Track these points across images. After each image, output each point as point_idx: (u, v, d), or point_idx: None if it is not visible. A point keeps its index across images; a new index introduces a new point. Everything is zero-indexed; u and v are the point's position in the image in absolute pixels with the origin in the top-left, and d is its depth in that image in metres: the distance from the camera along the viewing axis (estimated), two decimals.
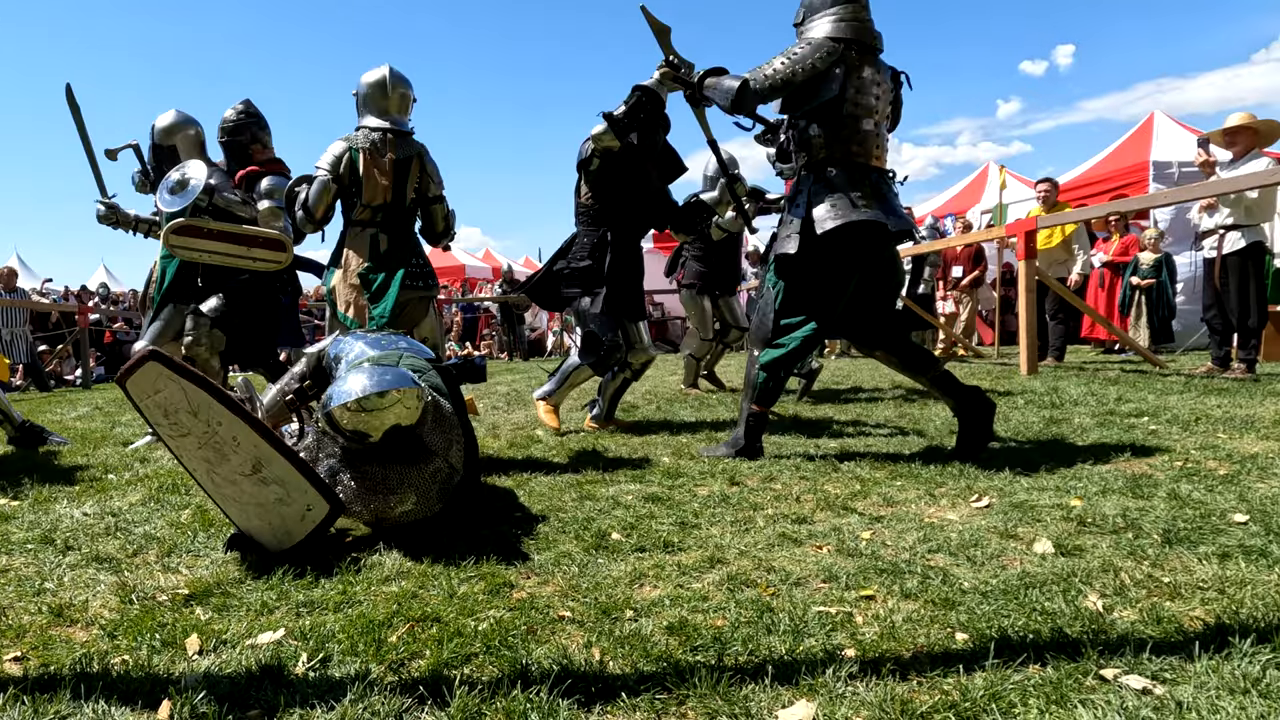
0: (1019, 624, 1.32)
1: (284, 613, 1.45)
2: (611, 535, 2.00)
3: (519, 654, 1.24)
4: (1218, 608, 1.35)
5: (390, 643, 1.29)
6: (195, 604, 1.54)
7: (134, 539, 1.98)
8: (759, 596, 1.51)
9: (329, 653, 1.26)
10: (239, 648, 1.29)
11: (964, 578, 1.57)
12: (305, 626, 1.36)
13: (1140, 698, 1.06)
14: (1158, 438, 3.01)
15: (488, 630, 1.33)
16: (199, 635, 1.33)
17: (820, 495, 2.37)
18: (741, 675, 1.16)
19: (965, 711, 1.04)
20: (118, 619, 1.44)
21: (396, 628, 1.34)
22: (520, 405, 5.26)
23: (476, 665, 1.22)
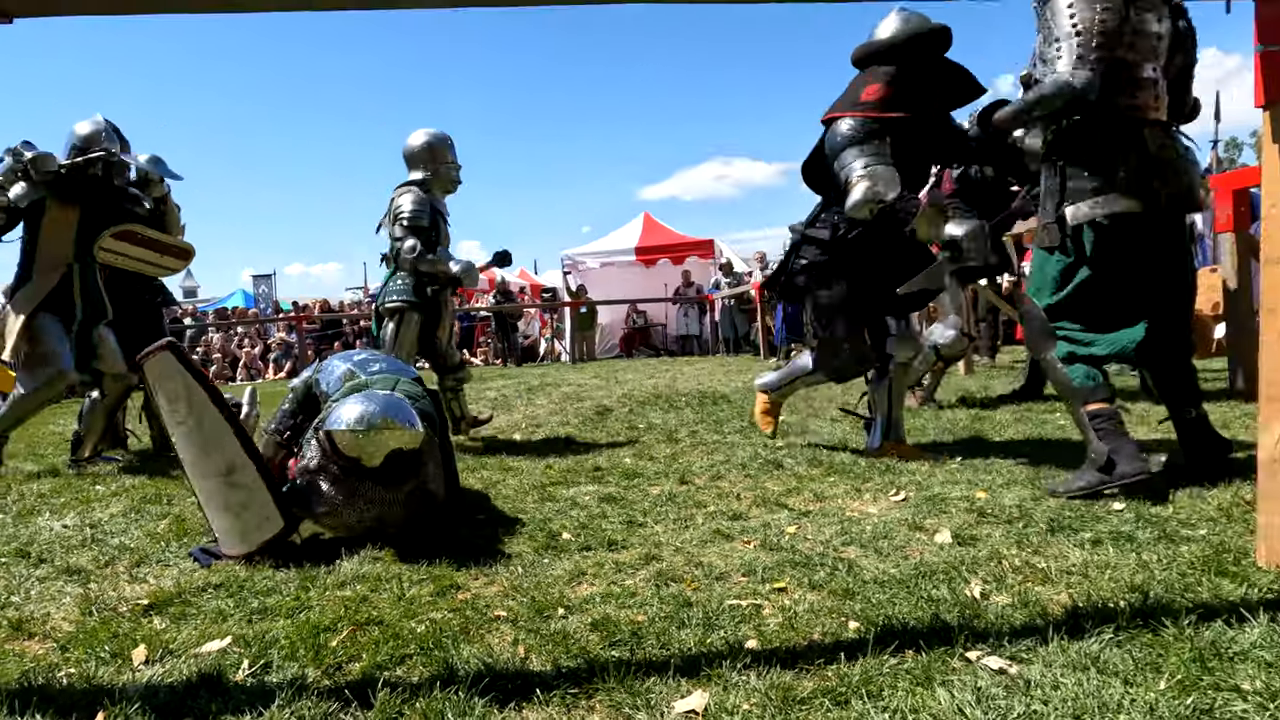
0: (905, 612, 1.35)
1: (237, 620, 1.45)
2: (562, 535, 2.02)
3: (450, 654, 1.25)
4: (1078, 591, 1.39)
5: (330, 647, 1.29)
6: (154, 614, 1.53)
7: (108, 550, 1.97)
8: (681, 591, 1.53)
9: (270, 659, 1.27)
10: (184, 657, 1.29)
11: (868, 569, 1.61)
12: (252, 633, 1.36)
13: (994, 677, 1.09)
14: (1064, 431, 3.07)
15: (424, 632, 1.34)
16: (147, 646, 1.33)
17: (759, 492, 2.40)
18: (649, 668, 1.18)
19: (840, 696, 1.07)
20: (73, 631, 1.44)
21: (339, 632, 1.35)
22: (505, 410, 5.26)
23: (409, 666, 1.23)
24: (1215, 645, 1.13)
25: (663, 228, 13.11)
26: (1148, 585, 1.38)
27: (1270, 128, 1.41)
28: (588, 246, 13.23)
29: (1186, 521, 1.80)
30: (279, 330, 12.74)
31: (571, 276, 12.67)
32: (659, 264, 12.59)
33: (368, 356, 2.46)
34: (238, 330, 13.20)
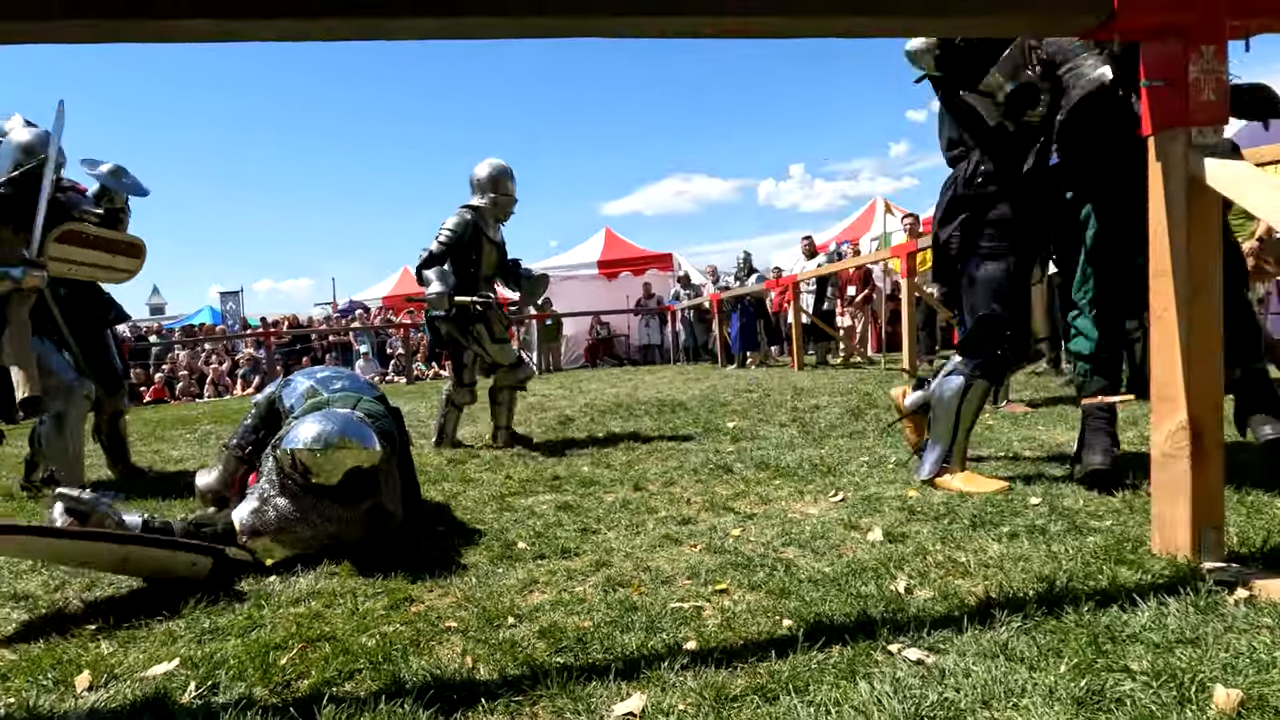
0: (835, 608, 1.37)
1: (186, 641, 1.39)
2: (518, 545, 2.00)
3: (398, 667, 1.22)
4: (993, 583, 1.44)
5: (279, 665, 1.25)
6: (101, 637, 1.45)
7: (58, 574, 1.86)
8: (628, 596, 1.53)
9: (217, 680, 1.21)
10: (129, 681, 1.23)
11: (804, 568, 1.63)
12: (201, 654, 1.30)
13: (912, 668, 1.12)
14: (992, 432, 3.18)
15: (374, 646, 1.30)
16: (91, 671, 1.26)
17: (709, 497, 2.42)
18: (592, 673, 1.17)
19: (770, 693, 1.08)
20: (16, 659, 1.35)
21: (290, 649, 1.31)
22: (470, 421, 5.18)
23: (358, 681, 1.20)
24: (1110, 629, 1.18)
25: (623, 242, 13.17)
26: (1054, 575, 1.43)
27: (1155, 153, 1.48)
28: (551, 261, 13.19)
29: (1094, 513, 1.89)
30: (247, 346, 12.28)
31: None
32: (620, 277, 12.65)
33: (331, 374, 2.39)
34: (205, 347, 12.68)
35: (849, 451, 2.98)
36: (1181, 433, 1.43)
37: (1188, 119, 1.40)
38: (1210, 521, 1.44)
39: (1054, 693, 1.01)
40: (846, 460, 2.80)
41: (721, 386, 6.40)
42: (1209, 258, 1.44)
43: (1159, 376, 1.52)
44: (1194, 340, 1.43)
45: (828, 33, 1.44)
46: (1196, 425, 1.42)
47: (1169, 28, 1.40)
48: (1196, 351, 1.43)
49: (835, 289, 8.96)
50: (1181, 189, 1.42)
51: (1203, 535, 1.43)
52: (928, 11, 1.44)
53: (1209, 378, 1.44)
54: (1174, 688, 0.99)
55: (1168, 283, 1.46)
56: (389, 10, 1.23)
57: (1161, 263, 1.50)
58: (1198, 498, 1.43)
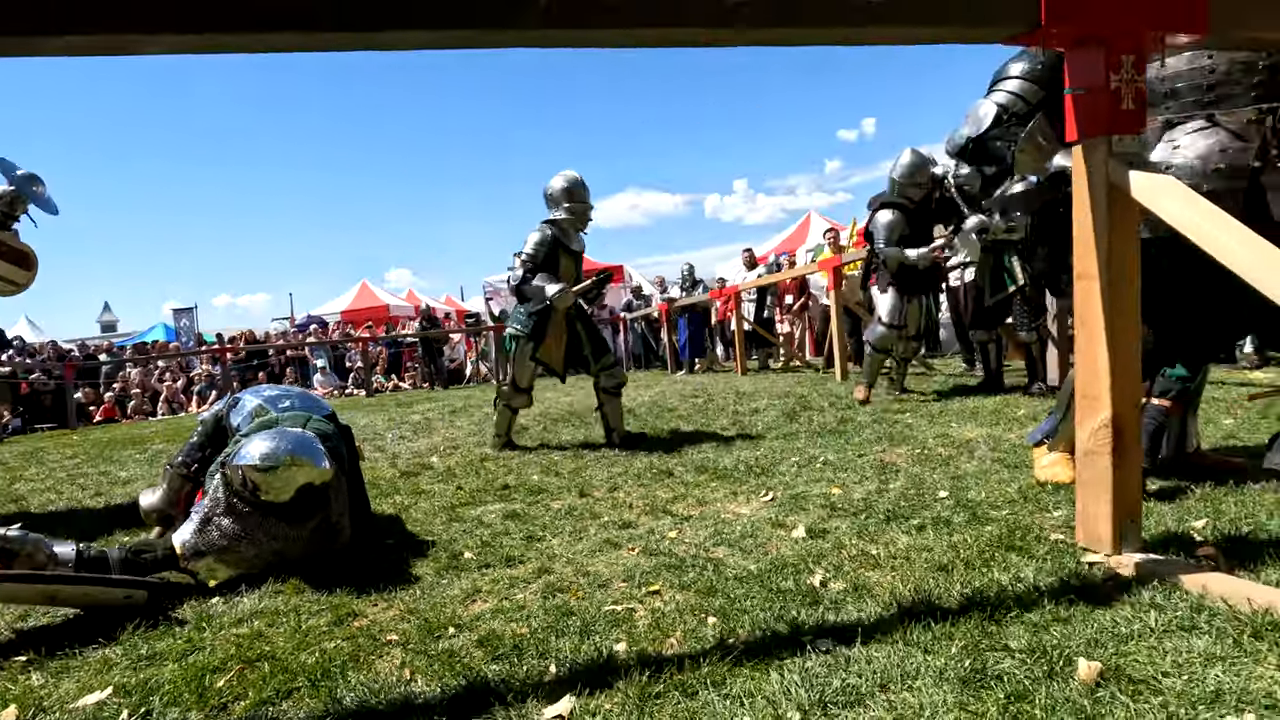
0: (757, 604, 1.40)
1: (123, 668, 1.30)
2: (464, 555, 1.95)
3: (336, 683, 1.18)
4: (900, 574, 1.50)
5: (216, 688, 1.18)
6: (33, 669, 1.35)
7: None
8: (566, 601, 1.52)
9: (151, 706, 1.14)
10: (59, 713, 1.14)
11: (732, 567, 1.66)
12: (136, 681, 1.22)
13: (821, 657, 1.15)
14: (910, 430, 3.32)
15: (313, 663, 1.25)
16: (18, 705, 1.17)
17: (650, 501, 2.43)
18: (526, 679, 1.16)
19: (690, 688, 1.09)
20: None
21: (228, 671, 1.24)
22: (426, 433, 5.04)
23: (296, 700, 1.15)
24: (995, 613, 1.24)
25: None
26: (953, 564, 1.50)
27: (1081, 159, 1.47)
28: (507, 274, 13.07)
29: (994, 504, 1.99)
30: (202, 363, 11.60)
31: (494, 302, 12.45)
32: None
33: (279, 393, 2.29)
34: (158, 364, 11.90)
35: (782, 452, 3.05)
36: (1104, 430, 1.43)
37: (1109, 127, 1.40)
38: (1129, 514, 1.44)
39: (943, 674, 1.06)
40: (779, 461, 2.87)
41: (670, 392, 6.44)
42: (1129, 262, 1.44)
43: (1082, 377, 1.50)
44: (1116, 342, 1.42)
45: (775, 42, 1.40)
46: (1118, 423, 1.42)
47: (1091, 38, 1.41)
48: (1118, 353, 1.42)
49: (774, 297, 9.19)
50: (1103, 195, 1.41)
51: (1123, 527, 1.43)
52: (872, 21, 1.37)
53: (1129, 378, 1.44)
54: (1045, 663, 1.06)
55: (1092, 285, 1.44)
56: (385, 22, 1.16)
57: (1084, 266, 1.48)
58: (1119, 492, 1.42)
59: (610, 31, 1.15)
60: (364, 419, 6.13)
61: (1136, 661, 1.04)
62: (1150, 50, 1.45)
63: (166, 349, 13.27)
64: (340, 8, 1.14)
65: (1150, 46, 1.44)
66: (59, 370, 9.75)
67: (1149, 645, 1.08)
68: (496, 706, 1.08)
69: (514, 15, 1.13)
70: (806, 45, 1.43)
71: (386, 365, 12.28)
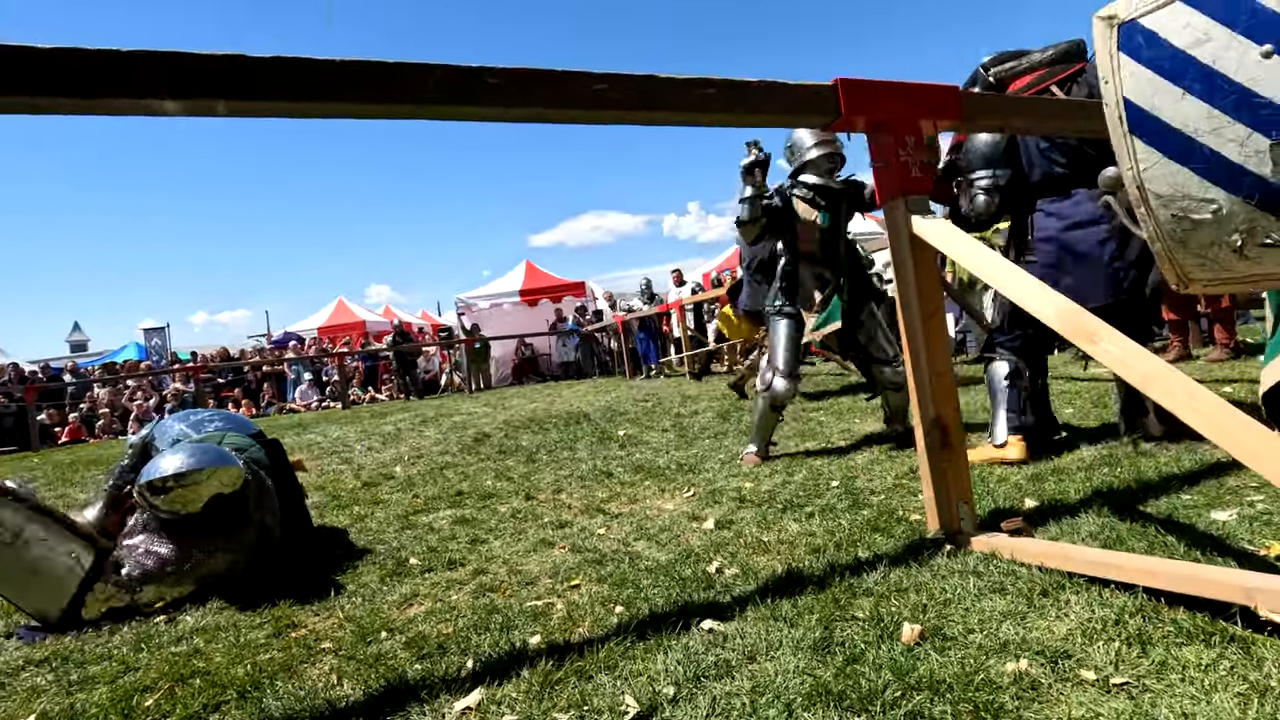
0: (659, 592, 1.47)
1: (51, 695, 1.27)
2: (410, 561, 1.96)
3: (264, 693, 1.18)
4: (783, 558, 1.59)
5: (145, 707, 1.17)
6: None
7: None
8: (494, 600, 1.55)
9: None
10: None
11: (646, 558, 1.72)
12: (62, 707, 1.20)
13: (704, 636, 1.23)
14: (821, 426, 3.47)
15: (244, 675, 1.25)
16: None
17: (588, 501, 2.48)
18: (444, 675, 1.19)
19: (586, 673, 1.14)
20: None
21: (158, 689, 1.23)
22: (394, 443, 4.95)
23: (223, 712, 1.15)
24: (851, 587, 1.35)
25: (542, 272, 13.15)
26: (826, 546, 1.61)
27: (886, 216, 1.68)
28: (478, 290, 12.95)
29: (874, 491, 2.12)
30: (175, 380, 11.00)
31: (465, 317, 12.31)
32: (540, 303, 12.63)
33: (205, 417, 2.23)
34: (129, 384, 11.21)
35: (710, 450, 3.15)
36: (934, 429, 1.58)
37: (903, 190, 1.62)
38: (961, 498, 1.57)
39: (799, 644, 1.15)
40: (706, 459, 2.96)
41: (625, 397, 6.50)
42: (934, 292, 1.63)
43: (913, 385, 1.65)
44: (931, 355, 1.59)
45: (632, 122, 1.49)
46: (943, 421, 1.58)
47: (879, 123, 1.63)
48: (935, 362, 1.59)
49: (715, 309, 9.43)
50: (905, 242, 1.62)
51: (958, 509, 1.57)
52: (716, 109, 1.48)
53: (946, 384, 1.60)
54: (880, 628, 1.16)
55: (911, 312, 1.63)
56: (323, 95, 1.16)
57: (904, 296, 1.67)
58: (951, 478, 1.57)
59: (490, 109, 1.21)
60: (336, 431, 5.96)
61: (952, 621, 1.16)
62: (925, 133, 1.66)
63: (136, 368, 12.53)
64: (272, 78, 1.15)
65: (924, 130, 1.66)
66: (20, 393, 9.08)
67: (964, 607, 1.20)
68: (412, 704, 1.11)
69: (411, 93, 1.18)
70: (661, 126, 1.53)
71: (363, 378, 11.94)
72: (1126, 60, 1.08)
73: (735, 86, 1.43)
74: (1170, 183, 1.07)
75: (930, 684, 0.97)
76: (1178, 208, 1.08)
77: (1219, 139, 1.00)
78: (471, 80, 1.17)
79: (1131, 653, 1.01)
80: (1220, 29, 0.97)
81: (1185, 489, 1.74)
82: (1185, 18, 1.00)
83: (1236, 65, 0.96)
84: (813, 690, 0.99)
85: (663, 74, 1.35)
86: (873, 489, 2.13)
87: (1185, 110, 1.02)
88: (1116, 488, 1.81)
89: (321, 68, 1.14)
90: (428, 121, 1.28)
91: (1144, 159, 1.09)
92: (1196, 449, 2.04)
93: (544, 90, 1.23)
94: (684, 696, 1.03)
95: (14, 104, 1.03)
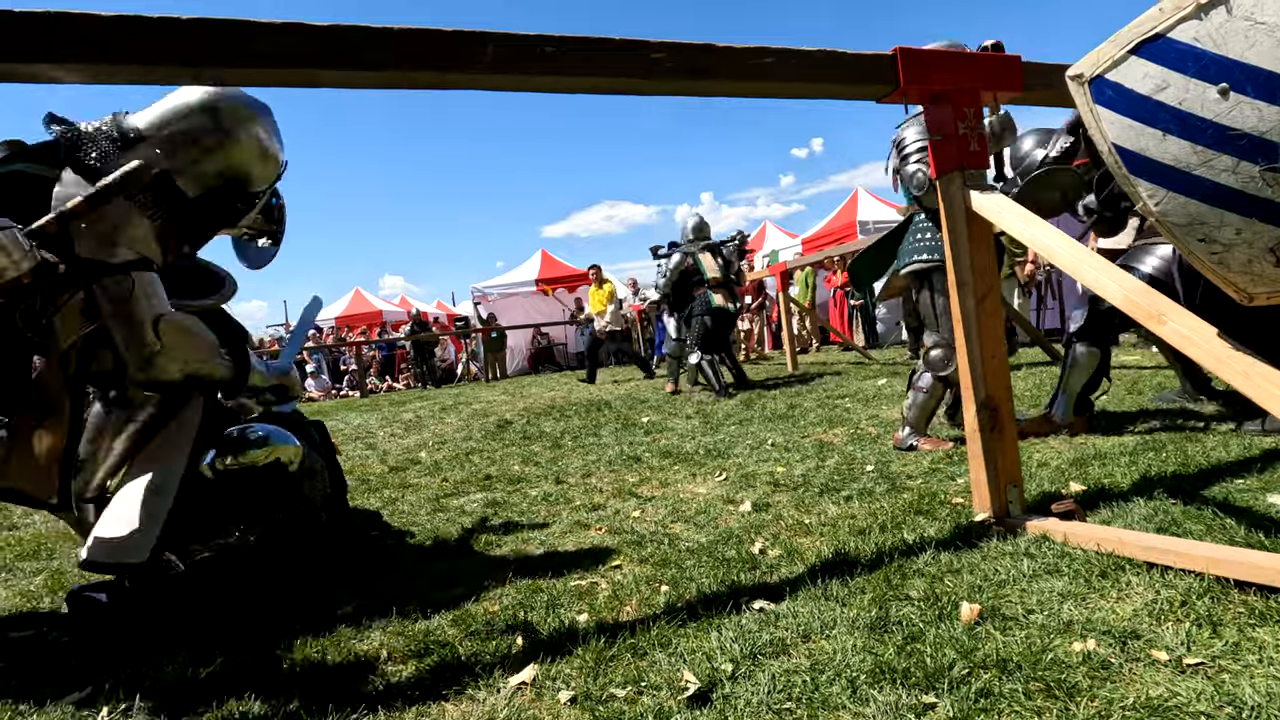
0: (704, 572, 1.46)
1: None
2: (446, 542, 1.97)
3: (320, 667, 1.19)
4: (827, 539, 1.58)
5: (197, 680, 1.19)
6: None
7: None
8: (536, 580, 1.56)
9: None
10: None
11: (686, 540, 1.72)
12: None
13: (755, 615, 1.22)
14: (848, 413, 3.44)
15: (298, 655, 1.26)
16: None
17: (618, 485, 2.48)
18: (495, 652, 1.20)
19: (641, 648, 1.14)
20: None
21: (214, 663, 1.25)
22: (417, 430, 4.99)
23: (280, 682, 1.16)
24: (901, 568, 1.33)
25: (557, 262, 13.13)
26: (870, 528, 1.59)
27: (941, 191, 1.62)
28: (494, 280, 12.98)
29: (910, 475, 2.10)
30: None
31: (481, 306, 12.35)
32: (556, 292, 12.63)
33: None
34: None
35: (737, 437, 3.14)
36: (984, 411, 1.55)
37: (960, 163, 1.57)
38: (1011, 480, 1.55)
39: (855, 623, 1.14)
40: (734, 444, 2.95)
41: (644, 386, 6.50)
42: (989, 270, 1.57)
43: (964, 367, 1.61)
44: (983, 336, 1.55)
45: (686, 93, 1.46)
46: (992, 404, 1.54)
47: (939, 95, 1.58)
48: (987, 344, 1.55)
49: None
50: (961, 218, 1.57)
51: (1006, 491, 1.54)
52: (771, 78, 1.46)
53: (999, 366, 1.56)
54: (937, 608, 1.14)
55: (964, 290, 1.58)
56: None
57: (958, 275, 1.61)
58: (1000, 462, 1.54)
59: (544, 78, 1.19)
60: (357, 419, 6.03)
61: (1010, 602, 1.14)
62: (984, 104, 1.61)
63: None
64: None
65: (984, 101, 1.61)
66: None
67: (1020, 588, 1.18)
68: (466, 679, 1.11)
69: (466, 62, 1.16)
70: (717, 96, 1.49)
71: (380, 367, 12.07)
72: (1104, 111, 1.14)
73: (793, 55, 1.39)
74: (1185, 213, 1.10)
75: (997, 662, 0.96)
76: (1201, 234, 1.09)
77: (1212, 170, 1.03)
78: (528, 49, 1.15)
79: (1203, 634, 0.98)
80: (1175, 75, 1.02)
81: (1239, 473, 1.69)
82: (1142, 69, 1.06)
83: (1200, 104, 1.01)
84: (875, 668, 0.98)
85: (720, 43, 1.31)
86: (908, 473, 2.10)
87: (1171, 149, 1.07)
88: (1165, 472, 1.77)
89: (376, 35, 1.12)
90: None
91: (1152, 196, 1.11)
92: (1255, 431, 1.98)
93: (603, 59, 1.20)
94: (742, 674, 1.02)
95: None
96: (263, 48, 1.10)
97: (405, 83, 1.21)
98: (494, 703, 1.03)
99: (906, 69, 1.50)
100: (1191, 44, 0.96)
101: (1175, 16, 0.98)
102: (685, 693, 0.98)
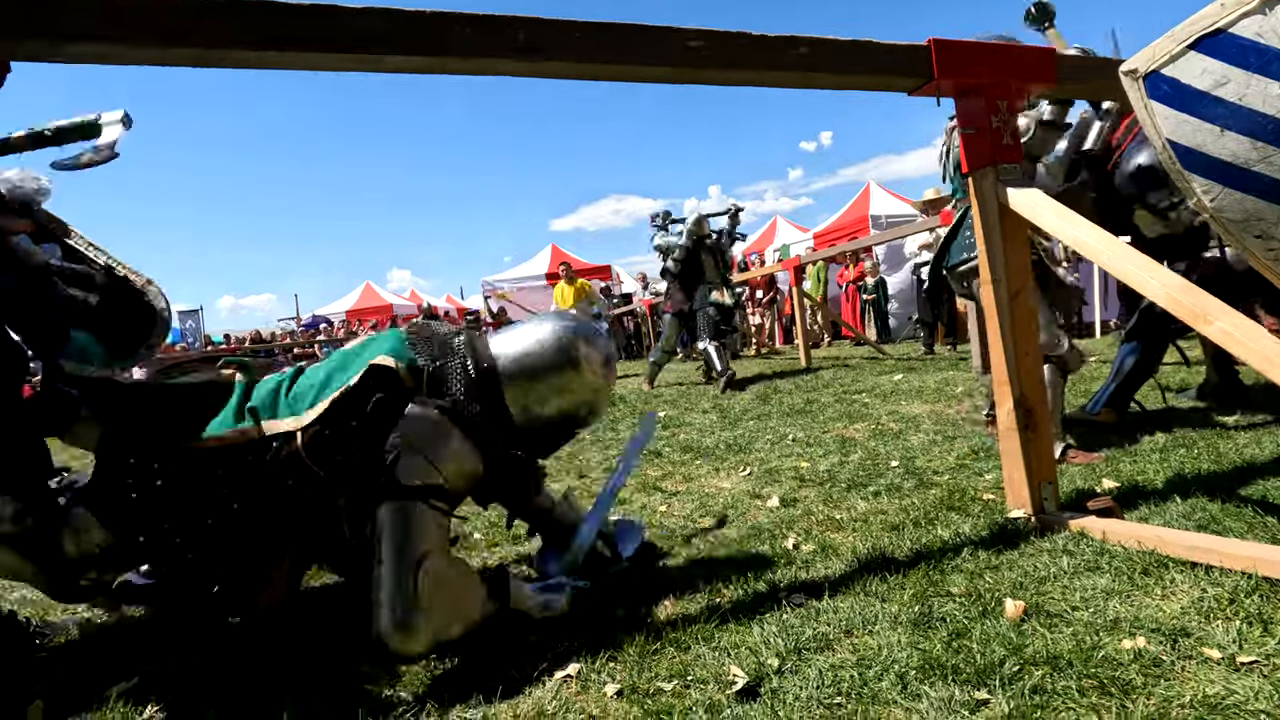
0: (739, 565, 1.47)
1: None
2: (474, 535, 1.99)
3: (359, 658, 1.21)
4: (860, 534, 1.58)
5: None
6: None
7: None
8: None
9: None
10: None
11: (717, 534, 1.73)
12: None
13: (795, 610, 1.22)
14: (867, 408, 3.43)
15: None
16: None
17: (641, 479, 2.48)
18: (537, 644, 1.21)
19: (684, 643, 1.15)
20: None
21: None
22: None
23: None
24: (940, 564, 1.33)
25: (568, 255, 13.13)
26: (903, 524, 1.59)
27: (974, 187, 1.60)
28: (505, 274, 13.01)
29: (937, 471, 2.09)
30: None
31: (492, 300, 12.39)
32: None
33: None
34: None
35: (757, 431, 3.13)
36: (1018, 409, 1.53)
37: (994, 158, 1.55)
38: (1045, 478, 1.54)
39: (897, 618, 1.14)
40: (755, 439, 2.95)
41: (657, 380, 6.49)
42: (1023, 267, 1.56)
43: (996, 365, 1.59)
44: (1017, 333, 1.54)
45: (720, 82, 1.46)
46: (1027, 402, 1.53)
47: (973, 88, 1.56)
48: (1020, 342, 1.54)
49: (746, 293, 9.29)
50: (995, 213, 1.55)
51: (1040, 489, 1.53)
52: (807, 68, 1.44)
53: (1032, 364, 1.55)
54: (980, 604, 1.15)
55: (998, 287, 1.56)
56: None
57: (992, 271, 1.59)
58: (1034, 459, 1.53)
59: (580, 65, 1.18)
60: None
61: (1053, 599, 1.14)
62: (1018, 98, 1.58)
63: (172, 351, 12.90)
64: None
65: (1018, 94, 1.58)
66: None
67: (1062, 585, 1.18)
68: (511, 671, 1.12)
69: (496, 49, 1.15)
70: (749, 86, 1.48)
71: None
72: (1158, 107, 1.13)
73: (828, 45, 1.38)
74: (1240, 209, 1.09)
75: (1047, 659, 0.96)
76: (1259, 230, 1.08)
77: (1271, 166, 1.04)
78: (562, 36, 1.14)
79: (1254, 632, 0.98)
80: (1236, 70, 1.01)
81: (1276, 470, 1.68)
82: (1200, 64, 1.05)
83: (1262, 100, 1.01)
84: (923, 663, 0.98)
85: (755, 32, 1.30)
86: (935, 469, 2.10)
87: (1229, 145, 1.06)
88: (1200, 470, 1.75)
89: (412, 18, 1.11)
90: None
91: (1206, 192, 1.10)
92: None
93: (637, 46, 1.20)
94: (789, 668, 1.03)
95: None
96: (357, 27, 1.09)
97: (438, 68, 1.21)
98: (540, 695, 1.05)
99: (940, 60, 1.47)
100: (1254, 39, 0.95)
101: (1238, 11, 0.96)
102: (734, 687, 0.99)
